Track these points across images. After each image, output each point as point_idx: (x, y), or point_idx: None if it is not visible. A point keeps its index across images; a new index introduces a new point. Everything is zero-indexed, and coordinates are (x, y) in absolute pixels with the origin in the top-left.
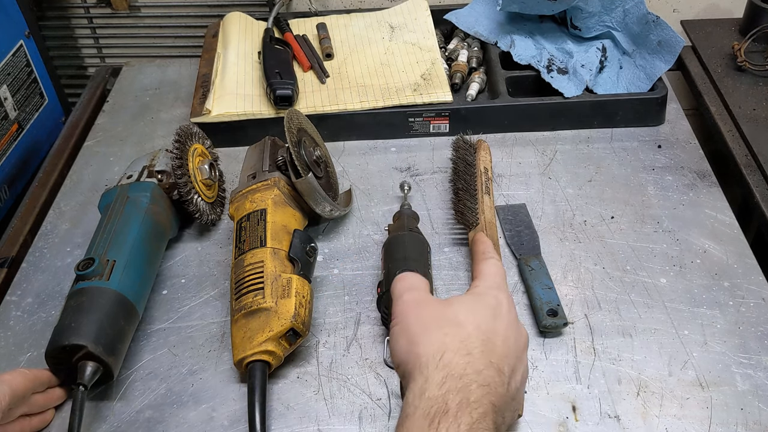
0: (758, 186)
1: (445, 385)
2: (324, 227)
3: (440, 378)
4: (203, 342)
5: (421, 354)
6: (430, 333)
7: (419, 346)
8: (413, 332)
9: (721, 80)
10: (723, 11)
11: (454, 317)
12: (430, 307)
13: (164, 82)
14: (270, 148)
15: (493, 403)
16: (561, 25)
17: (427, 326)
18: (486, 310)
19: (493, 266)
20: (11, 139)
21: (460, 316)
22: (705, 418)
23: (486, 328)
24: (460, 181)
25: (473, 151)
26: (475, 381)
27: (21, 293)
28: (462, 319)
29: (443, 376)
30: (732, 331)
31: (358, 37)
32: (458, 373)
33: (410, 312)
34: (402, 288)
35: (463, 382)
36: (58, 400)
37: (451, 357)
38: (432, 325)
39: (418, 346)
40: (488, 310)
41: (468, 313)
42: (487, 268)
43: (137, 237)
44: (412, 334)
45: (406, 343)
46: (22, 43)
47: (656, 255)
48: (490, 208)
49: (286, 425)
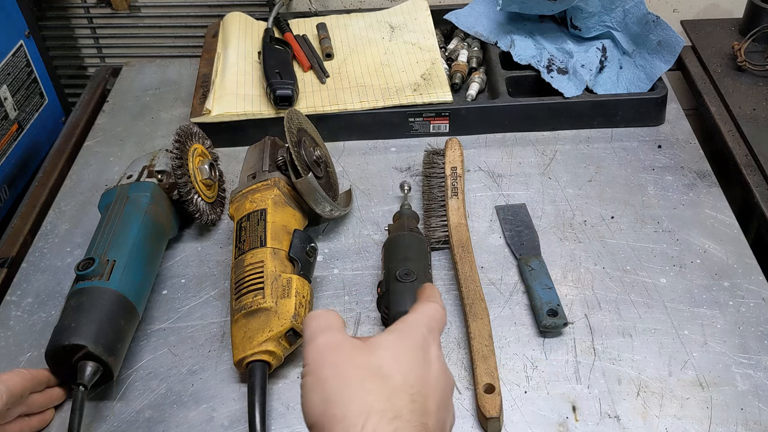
0: (758, 186)
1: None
2: (324, 227)
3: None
4: (203, 342)
5: (339, 418)
6: (349, 390)
7: (336, 407)
8: (329, 388)
9: (721, 80)
10: (723, 11)
11: (378, 367)
12: (349, 354)
13: (164, 82)
14: (270, 148)
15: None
16: (561, 25)
17: (346, 380)
18: (413, 352)
19: (431, 307)
20: (11, 139)
21: (384, 364)
22: (705, 418)
23: (415, 378)
24: (423, 199)
25: (440, 159)
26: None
27: (21, 293)
28: (387, 369)
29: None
30: (732, 331)
31: (358, 37)
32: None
33: (325, 360)
34: (315, 329)
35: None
36: (58, 399)
37: (375, 424)
38: (352, 379)
39: (335, 407)
40: (415, 353)
41: (393, 360)
42: (422, 306)
43: (137, 237)
44: (328, 391)
45: (320, 401)
46: (22, 43)
47: (656, 255)
48: (458, 210)
49: (286, 425)
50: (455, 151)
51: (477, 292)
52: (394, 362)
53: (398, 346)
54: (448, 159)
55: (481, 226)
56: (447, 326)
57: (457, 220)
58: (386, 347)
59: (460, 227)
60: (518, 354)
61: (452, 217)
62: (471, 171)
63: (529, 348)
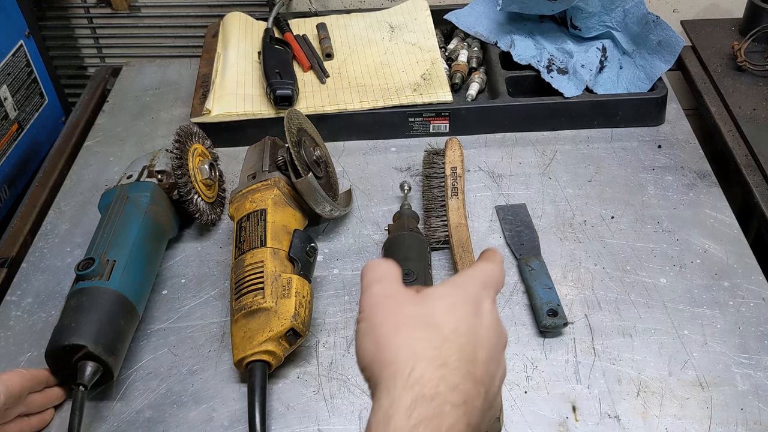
0: (758, 186)
1: (414, 412)
2: (324, 227)
3: (409, 401)
4: (203, 342)
5: (388, 362)
6: (399, 336)
7: (387, 352)
8: (381, 333)
9: (721, 80)
10: (723, 11)
11: (429, 316)
12: (401, 303)
13: (164, 82)
14: (270, 148)
15: (469, 422)
16: (561, 25)
17: (397, 327)
18: (466, 306)
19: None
20: (11, 139)
21: (436, 314)
22: (705, 418)
23: (465, 329)
24: (423, 199)
25: (440, 159)
26: (449, 401)
27: (21, 293)
28: (438, 318)
29: (413, 399)
30: (732, 331)
31: (358, 37)
32: (430, 393)
33: (379, 308)
34: (372, 278)
35: (436, 405)
36: (57, 399)
37: (422, 370)
38: (403, 327)
39: (385, 352)
40: (469, 307)
41: (445, 311)
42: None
43: (137, 237)
44: (380, 337)
45: (372, 346)
46: (22, 43)
47: (656, 255)
48: (458, 210)
49: (286, 425)
50: (455, 151)
51: None
52: (446, 312)
53: (451, 298)
54: (448, 159)
55: (481, 226)
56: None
57: (457, 220)
58: (439, 298)
59: (460, 227)
60: (518, 354)
61: (452, 217)
62: (471, 171)
63: (529, 348)
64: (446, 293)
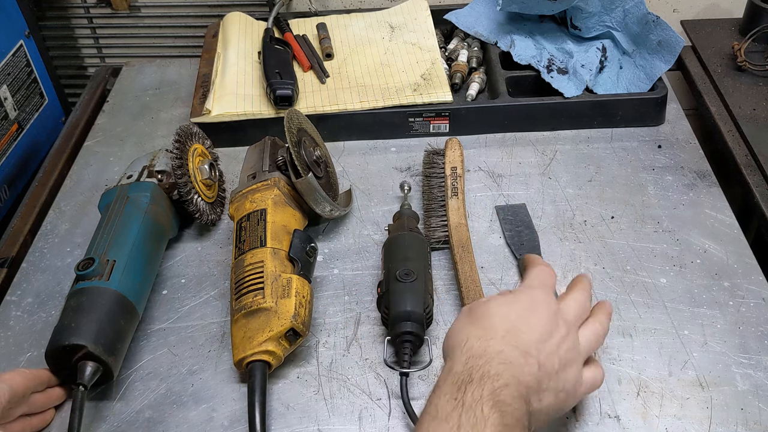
0: (758, 186)
1: (468, 363)
2: (324, 227)
3: (464, 359)
4: (203, 342)
5: (452, 345)
6: (462, 327)
7: (451, 339)
8: (454, 326)
9: (721, 80)
10: (723, 11)
11: (487, 311)
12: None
13: (164, 82)
14: (270, 148)
15: (516, 377)
16: (561, 25)
17: (465, 322)
18: (518, 304)
19: (534, 270)
20: (11, 139)
21: (491, 309)
22: (705, 418)
23: (514, 317)
24: (423, 199)
25: (440, 159)
26: (495, 359)
27: (21, 293)
28: (492, 312)
29: (467, 358)
30: (732, 331)
31: (358, 37)
32: (479, 353)
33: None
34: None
35: (484, 359)
36: (58, 399)
37: (473, 342)
38: (467, 321)
39: (450, 339)
40: (520, 305)
41: (499, 306)
42: (530, 271)
43: (137, 237)
44: (452, 329)
45: (447, 335)
46: (22, 43)
47: (656, 255)
48: (458, 210)
49: (286, 425)
50: (455, 151)
51: (477, 292)
52: (500, 307)
53: (507, 300)
54: (448, 159)
55: (481, 226)
56: None
57: (457, 220)
58: (500, 302)
59: (460, 227)
60: None
61: (452, 217)
62: (471, 171)
63: None
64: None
